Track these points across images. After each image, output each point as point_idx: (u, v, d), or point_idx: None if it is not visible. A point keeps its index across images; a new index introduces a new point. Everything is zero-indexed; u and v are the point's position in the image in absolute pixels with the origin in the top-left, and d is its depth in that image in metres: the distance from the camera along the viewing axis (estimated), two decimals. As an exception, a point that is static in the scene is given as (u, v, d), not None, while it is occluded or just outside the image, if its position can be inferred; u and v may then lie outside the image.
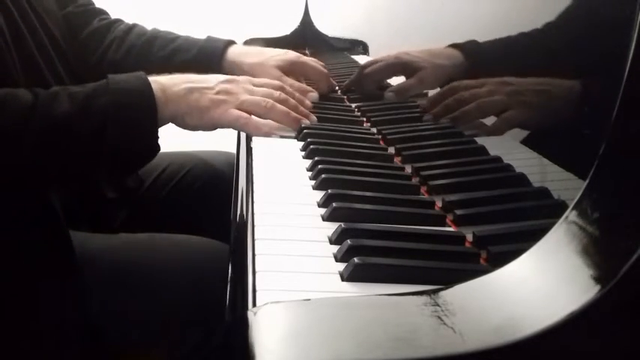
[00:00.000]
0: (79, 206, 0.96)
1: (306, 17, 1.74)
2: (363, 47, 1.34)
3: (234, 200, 0.70)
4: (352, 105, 1.06)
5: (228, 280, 0.53)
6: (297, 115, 0.88)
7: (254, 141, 0.84)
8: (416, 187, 0.69)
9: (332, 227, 0.57)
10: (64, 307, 0.81)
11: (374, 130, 0.91)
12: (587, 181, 0.41)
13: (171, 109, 0.80)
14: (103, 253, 0.90)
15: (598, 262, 0.39)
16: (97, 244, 0.92)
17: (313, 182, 0.69)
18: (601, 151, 0.40)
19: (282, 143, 0.85)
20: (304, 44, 1.72)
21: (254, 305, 0.45)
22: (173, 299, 0.87)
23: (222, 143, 1.23)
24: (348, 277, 0.48)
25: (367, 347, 0.37)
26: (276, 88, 0.90)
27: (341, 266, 0.50)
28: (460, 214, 0.60)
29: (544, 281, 0.40)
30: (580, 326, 0.36)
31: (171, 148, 1.15)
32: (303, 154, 0.79)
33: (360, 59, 1.32)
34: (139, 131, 0.77)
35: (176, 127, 0.84)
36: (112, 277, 0.88)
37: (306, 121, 0.88)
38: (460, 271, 0.50)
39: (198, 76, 0.86)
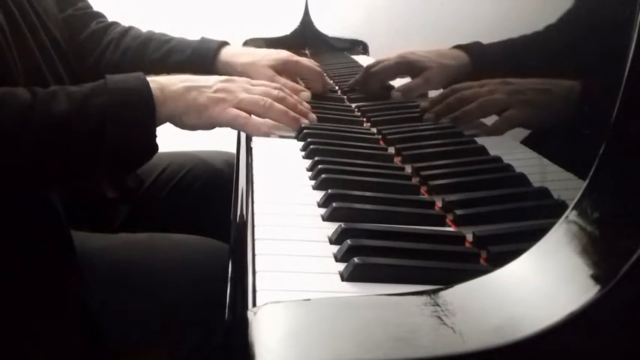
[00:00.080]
0: (80, 206, 0.95)
1: (306, 17, 1.74)
2: (363, 47, 1.34)
3: (234, 200, 0.70)
4: (352, 105, 1.06)
5: (228, 280, 0.53)
6: (295, 114, 0.88)
7: (254, 141, 0.84)
8: (416, 187, 0.69)
9: (332, 227, 0.57)
10: (64, 307, 0.81)
11: (374, 130, 0.91)
12: (587, 181, 0.41)
13: (169, 108, 0.80)
14: (103, 253, 0.90)
15: (598, 262, 0.38)
16: (97, 243, 0.92)
17: (313, 182, 0.69)
18: (601, 151, 0.40)
19: (282, 143, 0.85)
20: (304, 44, 1.72)
21: (254, 305, 0.45)
22: (173, 299, 0.87)
23: (222, 143, 1.23)
24: (348, 277, 0.49)
25: (367, 347, 0.37)
26: (274, 87, 0.90)
27: (341, 266, 0.50)
28: (460, 214, 0.60)
29: (544, 281, 0.40)
30: (580, 326, 0.36)
31: (171, 148, 1.15)
32: (303, 154, 0.79)
33: (360, 59, 1.32)
34: (138, 130, 0.77)
35: (177, 128, 0.84)
36: (112, 277, 0.88)
37: (305, 121, 0.88)
38: (460, 271, 0.50)
39: (197, 76, 0.86)
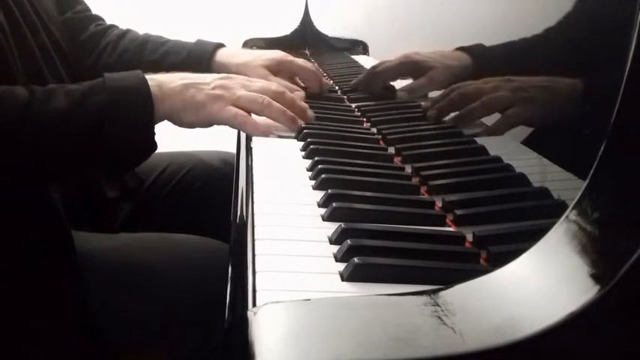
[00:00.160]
0: (80, 206, 0.96)
1: (306, 17, 1.74)
2: (363, 47, 1.34)
3: (234, 200, 0.70)
4: (352, 105, 1.06)
5: (228, 280, 0.53)
6: (293, 114, 0.87)
7: (254, 141, 0.84)
8: (416, 187, 0.69)
9: (332, 227, 0.57)
10: (64, 307, 0.81)
11: (374, 130, 0.91)
12: (587, 181, 0.41)
13: (167, 106, 0.80)
14: (103, 253, 0.90)
15: (598, 262, 0.38)
16: (98, 243, 0.92)
17: (313, 182, 0.69)
18: (601, 151, 0.40)
19: (282, 143, 0.85)
20: (304, 44, 1.72)
21: (254, 305, 0.45)
22: (173, 299, 0.87)
23: (222, 143, 1.24)
24: (348, 277, 0.48)
25: (367, 347, 0.37)
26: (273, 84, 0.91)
27: (341, 266, 0.50)
28: (460, 214, 0.60)
29: (544, 281, 0.40)
30: (580, 326, 0.36)
31: (171, 148, 1.15)
32: (303, 154, 0.79)
33: (360, 59, 1.32)
34: (136, 128, 0.77)
35: (176, 127, 0.84)
36: (112, 277, 0.88)
37: (301, 122, 0.88)
38: (460, 271, 0.50)
39: (196, 74, 0.86)
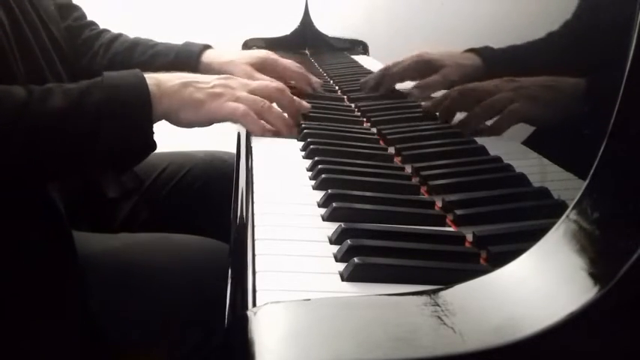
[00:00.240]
0: (80, 206, 0.96)
1: (306, 17, 1.74)
2: (363, 47, 1.34)
3: (234, 200, 0.70)
4: (352, 105, 1.06)
5: (228, 280, 0.53)
6: (290, 121, 0.88)
7: (254, 141, 0.84)
8: (416, 187, 0.69)
9: (332, 227, 0.57)
10: (65, 307, 0.81)
11: (374, 130, 0.91)
12: (587, 181, 0.41)
13: (166, 105, 0.80)
14: (103, 253, 0.90)
15: (598, 262, 0.38)
16: (98, 244, 0.92)
17: (313, 182, 0.69)
18: (601, 151, 0.40)
19: (282, 143, 0.85)
20: (304, 44, 1.72)
21: (254, 305, 0.45)
22: (173, 299, 0.87)
23: (222, 143, 1.24)
24: (348, 277, 0.48)
25: (367, 347, 0.37)
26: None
27: (341, 266, 0.50)
28: (460, 214, 0.60)
29: (544, 281, 0.40)
30: (580, 326, 0.36)
31: (171, 148, 1.15)
32: (303, 154, 0.79)
33: (360, 59, 1.32)
34: (134, 127, 0.77)
35: (177, 127, 0.84)
36: (112, 277, 0.88)
37: (294, 131, 0.88)
38: (460, 271, 0.50)
39: (196, 74, 0.86)
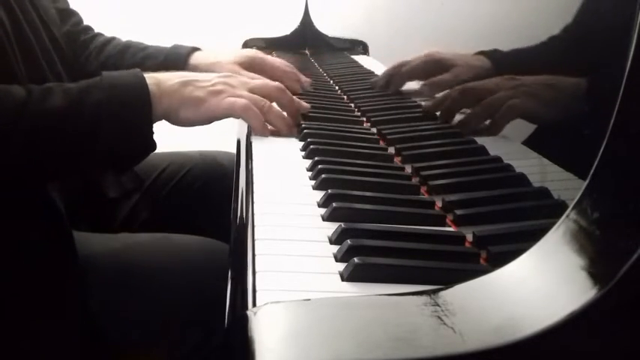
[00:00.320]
0: (80, 206, 0.96)
1: (306, 17, 1.74)
2: (363, 47, 1.34)
3: (234, 200, 0.70)
4: (352, 105, 1.06)
5: (228, 280, 0.53)
6: (290, 122, 0.88)
7: (254, 141, 0.84)
8: (416, 187, 0.69)
9: (332, 227, 0.57)
10: (64, 307, 0.81)
11: (374, 130, 0.91)
12: (587, 181, 0.41)
13: (166, 104, 0.80)
14: (103, 254, 0.90)
15: (598, 262, 0.38)
16: (98, 244, 0.92)
17: (313, 182, 0.69)
18: (601, 151, 0.40)
19: (282, 143, 0.85)
20: (304, 44, 1.72)
21: (254, 305, 0.45)
22: (173, 299, 0.87)
23: (222, 143, 1.24)
24: (348, 277, 0.48)
25: (367, 347, 0.37)
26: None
27: (341, 266, 0.50)
28: (460, 214, 0.60)
29: (544, 281, 0.40)
30: (580, 326, 0.36)
31: (171, 148, 1.15)
32: (303, 154, 0.79)
33: (360, 59, 1.32)
34: (134, 126, 0.77)
35: (177, 127, 0.84)
36: (112, 277, 0.88)
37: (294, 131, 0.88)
38: (460, 271, 0.50)
39: (196, 73, 0.86)
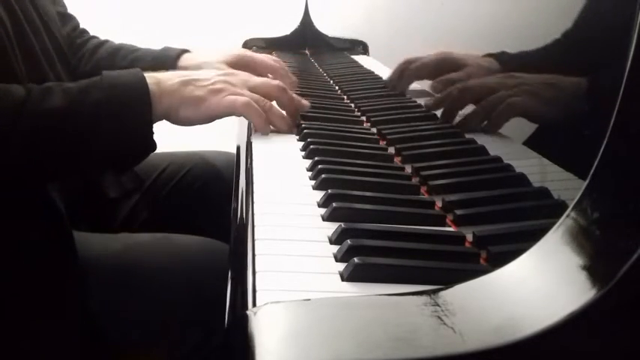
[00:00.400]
0: (80, 206, 0.96)
1: (306, 17, 1.74)
2: (363, 47, 1.34)
3: (234, 200, 0.70)
4: (352, 105, 1.06)
5: (228, 280, 0.53)
6: (290, 121, 0.88)
7: (254, 141, 0.84)
8: (416, 187, 0.69)
9: (332, 227, 0.57)
10: (64, 307, 0.81)
11: (374, 130, 0.91)
12: (587, 181, 0.41)
13: (166, 103, 0.79)
14: (103, 254, 0.90)
15: (598, 262, 0.38)
16: (98, 244, 0.92)
17: (313, 182, 0.69)
18: (601, 151, 0.40)
19: (282, 143, 0.85)
20: (304, 44, 1.72)
21: (254, 305, 0.45)
22: (173, 299, 0.87)
23: (222, 143, 1.24)
24: (348, 277, 0.48)
25: (367, 347, 0.37)
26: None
27: (341, 266, 0.50)
28: (460, 214, 0.60)
29: (544, 281, 0.40)
30: (580, 326, 0.36)
31: (171, 147, 1.15)
32: (303, 154, 0.79)
33: (360, 59, 1.32)
34: (134, 126, 0.77)
35: (177, 127, 0.84)
36: (112, 277, 0.88)
37: (294, 130, 0.88)
38: (460, 271, 0.50)
39: (196, 71, 0.86)
